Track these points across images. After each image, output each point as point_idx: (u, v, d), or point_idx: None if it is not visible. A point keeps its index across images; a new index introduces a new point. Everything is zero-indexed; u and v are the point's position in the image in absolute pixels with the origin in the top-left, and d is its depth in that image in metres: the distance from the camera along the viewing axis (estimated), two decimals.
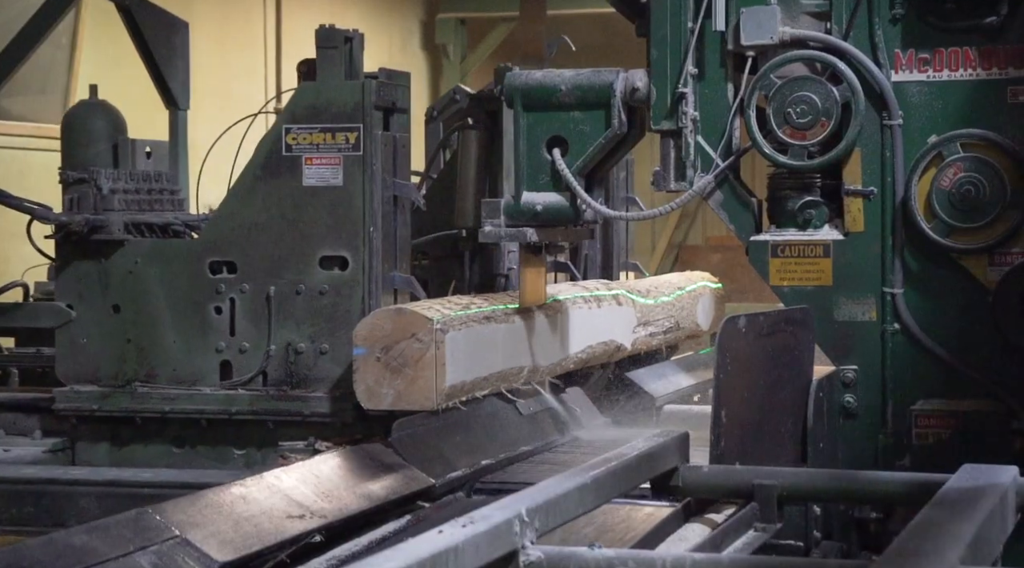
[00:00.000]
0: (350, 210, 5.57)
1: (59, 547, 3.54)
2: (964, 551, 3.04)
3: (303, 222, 5.62)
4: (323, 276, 5.59)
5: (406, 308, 5.16)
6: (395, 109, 5.76)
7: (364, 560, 2.83)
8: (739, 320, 4.61)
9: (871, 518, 5.19)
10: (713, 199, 5.45)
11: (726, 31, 5.35)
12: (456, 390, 5.16)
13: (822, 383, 5.14)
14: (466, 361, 5.21)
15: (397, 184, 5.72)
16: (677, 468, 4.32)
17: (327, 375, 5.58)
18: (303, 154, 5.62)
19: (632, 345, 6.73)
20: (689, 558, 3.16)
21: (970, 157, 5.16)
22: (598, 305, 6.40)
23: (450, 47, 15.99)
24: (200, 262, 5.72)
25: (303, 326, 5.61)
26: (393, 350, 5.05)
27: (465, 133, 6.55)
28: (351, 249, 5.57)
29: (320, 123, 5.60)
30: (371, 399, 5.08)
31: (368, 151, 5.57)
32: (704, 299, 7.88)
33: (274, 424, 5.59)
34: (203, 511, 4.01)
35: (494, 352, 5.45)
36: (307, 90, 5.71)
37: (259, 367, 5.63)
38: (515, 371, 5.62)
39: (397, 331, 5.06)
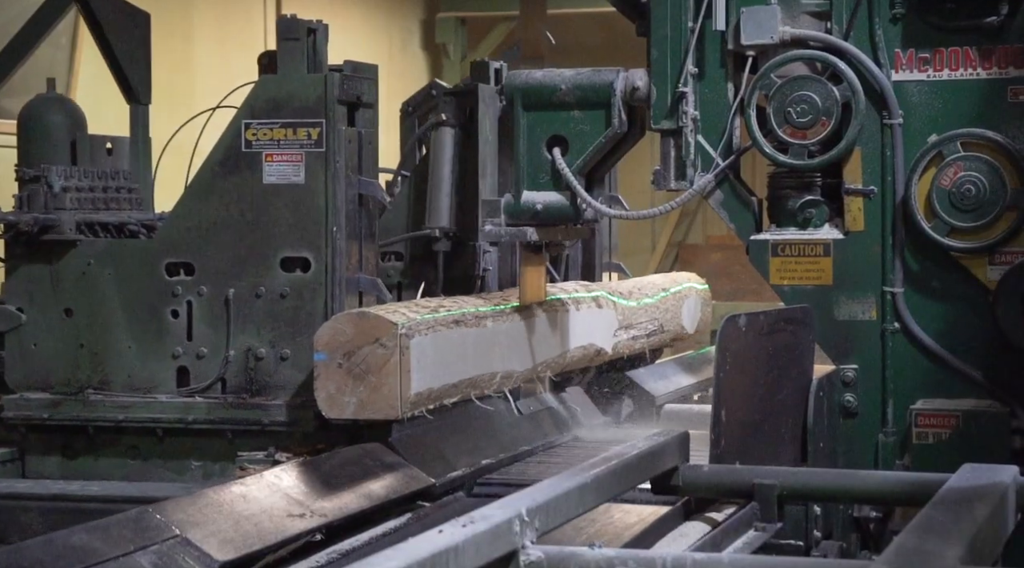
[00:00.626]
0: (312, 209, 5.36)
1: (59, 547, 3.54)
2: (964, 551, 3.04)
3: (263, 222, 5.41)
4: (284, 278, 5.38)
5: (369, 312, 4.93)
6: (360, 103, 5.54)
7: (364, 560, 2.83)
8: (739, 319, 4.62)
9: (871, 518, 5.19)
10: (713, 198, 5.45)
11: (726, 31, 5.35)
12: (422, 398, 4.94)
13: (822, 382, 5.14)
14: (433, 367, 4.99)
15: (362, 182, 5.52)
16: (677, 467, 4.32)
17: (288, 382, 5.37)
18: (263, 150, 5.39)
19: (613, 349, 6.52)
20: (689, 558, 3.16)
21: (970, 156, 5.16)
22: (576, 308, 6.16)
23: (450, 46, 15.98)
24: (156, 263, 5.50)
25: (263, 330, 5.40)
26: (355, 356, 4.83)
27: (439, 130, 6.32)
28: (313, 250, 5.36)
29: (281, 118, 5.39)
30: (332, 408, 4.85)
31: (331, 147, 5.36)
32: (690, 301, 7.67)
33: (233, 434, 5.37)
34: (203, 510, 4.01)
35: (464, 358, 5.21)
36: (267, 83, 5.47)
37: (217, 374, 5.41)
38: (486, 377, 5.38)
39: (360, 336, 4.83)
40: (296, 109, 5.38)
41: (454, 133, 6.26)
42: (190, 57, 11.33)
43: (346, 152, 5.41)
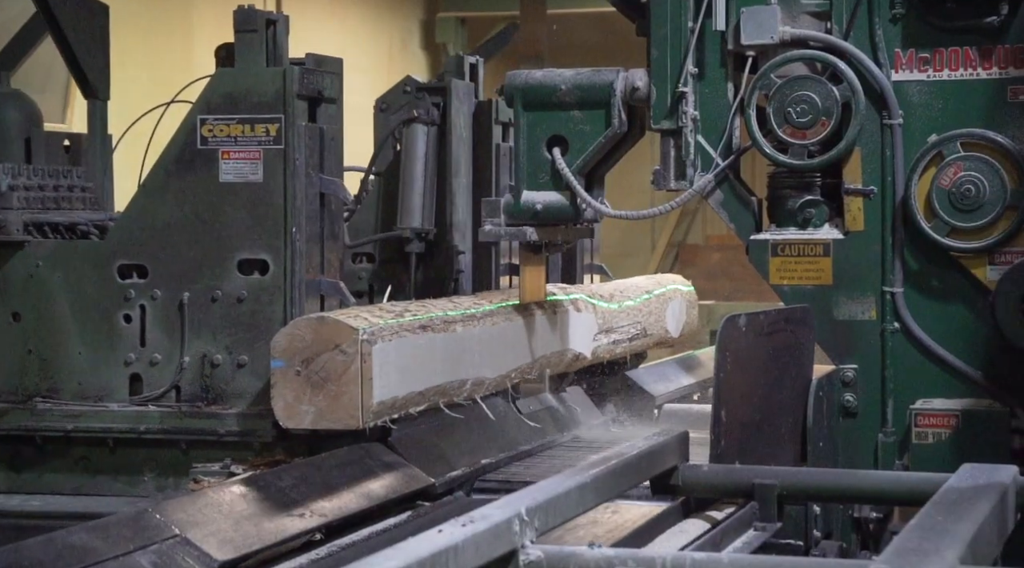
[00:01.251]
0: (271, 209, 5.12)
1: (59, 547, 3.54)
2: (964, 551, 3.04)
3: (219, 222, 5.15)
4: (241, 281, 5.13)
5: (328, 316, 4.70)
6: (322, 98, 5.31)
7: (364, 560, 2.83)
8: (739, 319, 4.62)
9: (871, 518, 5.19)
10: (713, 198, 5.45)
11: (726, 31, 5.35)
12: (386, 407, 4.71)
13: (822, 382, 5.14)
14: (398, 375, 4.77)
15: (324, 180, 5.29)
16: (677, 467, 4.33)
17: (245, 390, 5.11)
18: (219, 147, 5.15)
19: (592, 354, 6.28)
20: (689, 557, 3.16)
21: (970, 157, 5.16)
22: (553, 311, 5.93)
23: (450, 46, 15.98)
24: (108, 266, 5.22)
25: (220, 336, 5.14)
26: (314, 363, 4.60)
27: (411, 127, 6.12)
28: (272, 251, 5.11)
29: (238, 113, 5.14)
30: (290, 417, 4.64)
31: (291, 144, 5.12)
32: (675, 304, 7.36)
33: (187, 444, 5.10)
34: (203, 510, 4.01)
35: (431, 364, 5.00)
36: (224, 77, 5.21)
37: (171, 381, 5.15)
38: (456, 385, 5.16)
39: (319, 342, 4.61)
40: (254, 104, 5.15)
41: (427, 130, 6.12)
42: (190, 57, 11.33)
43: (307, 149, 5.19)
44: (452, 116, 6.14)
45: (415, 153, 6.08)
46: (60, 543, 3.56)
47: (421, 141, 6.09)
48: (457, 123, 6.17)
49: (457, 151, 6.15)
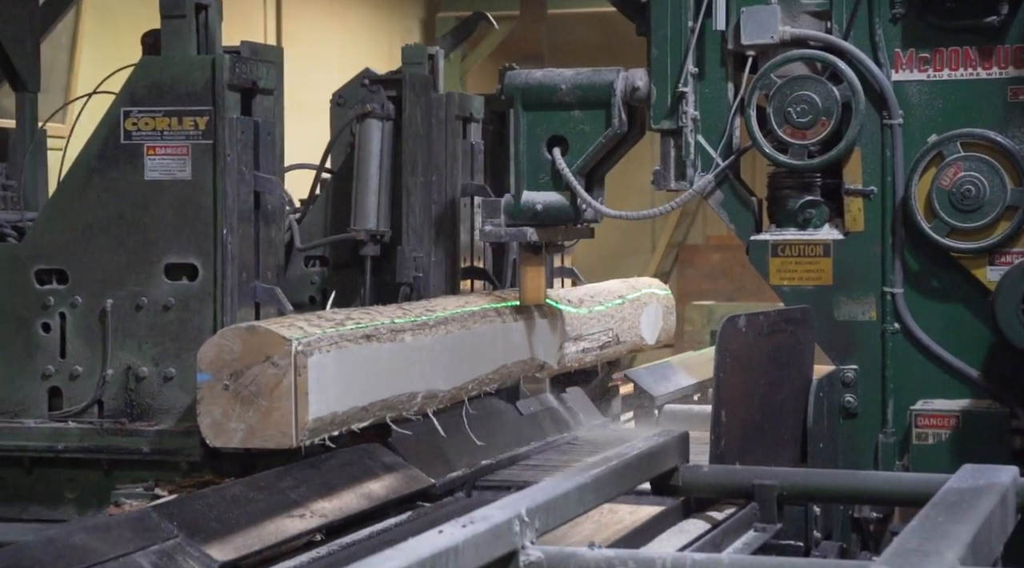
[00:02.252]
0: (200, 209, 4.77)
1: (59, 547, 3.54)
2: (964, 551, 3.04)
3: (145, 223, 4.80)
4: (169, 287, 4.80)
5: (259, 326, 4.35)
6: (257, 89, 4.95)
7: (364, 560, 2.84)
8: (739, 320, 4.62)
9: (871, 518, 5.19)
10: (713, 198, 5.45)
11: (726, 30, 5.35)
12: (324, 424, 4.39)
13: (822, 383, 5.14)
14: (337, 389, 4.43)
15: (259, 178, 4.93)
16: (677, 468, 4.33)
17: (173, 405, 4.78)
18: (145, 142, 4.79)
19: (559, 363, 5.96)
20: (689, 558, 3.16)
21: (970, 157, 5.16)
22: (514, 318, 5.58)
23: None
24: (25, 270, 4.86)
25: (145, 347, 4.80)
26: (244, 376, 4.26)
27: (365, 122, 5.78)
28: (201, 255, 4.78)
29: (164, 105, 4.79)
30: (218, 435, 4.31)
31: (221, 139, 4.76)
32: (650, 309, 7.02)
33: (109, 464, 4.74)
34: (203, 510, 4.00)
35: (376, 377, 4.65)
36: (149, 66, 4.84)
37: (93, 395, 4.80)
38: (405, 398, 4.81)
39: (249, 353, 4.27)
40: (181, 95, 4.79)
41: (382, 126, 5.79)
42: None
43: (239, 144, 4.82)
44: (408, 110, 5.81)
45: (369, 150, 5.78)
46: (60, 543, 3.56)
47: (376, 137, 5.78)
48: (414, 118, 5.83)
49: (414, 148, 5.84)
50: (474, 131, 6.28)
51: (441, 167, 5.98)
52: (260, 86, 4.98)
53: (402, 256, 5.78)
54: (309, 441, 4.34)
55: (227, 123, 4.80)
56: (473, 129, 6.27)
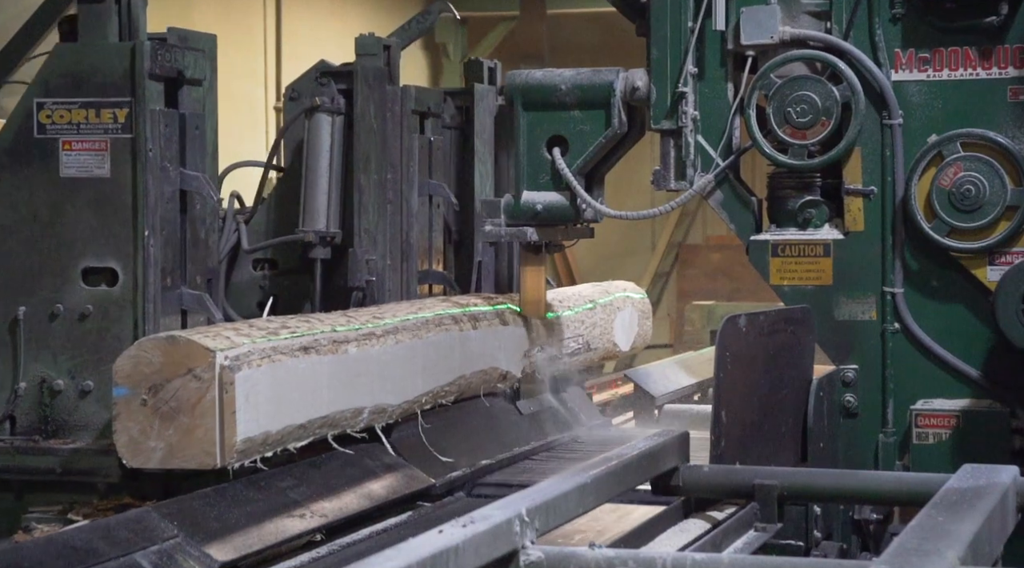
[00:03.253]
0: (119, 209, 4.46)
1: (59, 547, 3.54)
2: (964, 551, 3.04)
3: (60, 224, 4.49)
4: (86, 294, 4.49)
5: (180, 336, 4.01)
6: (184, 80, 4.63)
7: (364, 560, 2.83)
8: (739, 319, 4.62)
9: (871, 518, 5.19)
10: (713, 198, 5.45)
11: (726, 31, 5.35)
12: (255, 444, 4.06)
13: (822, 382, 5.14)
14: (270, 406, 4.10)
15: (185, 175, 4.60)
16: (677, 468, 4.33)
17: (91, 421, 4.48)
18: (60, 136, 4.48)
19: (523, 371, 5.71)
20: (689, 558, 3.16)
21: (970, 157, 5.16)
22: (473, 325, 5.29)
23: (450, 46, 15.99)
24: None
25: (61, 358, 4.49)
26: (164, 391, 3.94)
27: (315, 117, 5.49)
28: (121, 259, 4.47)
29: (81, 96, 4.47)
30: (136, 454, 3.97)
31: (141, 133, 4.44)
32: (624, 314, 6.66)
33: (21, 485, 4.39)
34: (203, 510, 4.00)
35: (316, 392, 4.32)
36: (63, 54, 4.51)
37: (4, 411, 4.50)
38: (349, 414, 4.52)
39: (169, 366, 3.95)
40: (99, 85, 4.47)
41: (332, 120, 5.50)
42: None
43: (162, 139, 4.50)
44: (360, 104, 5.51)
45: (319, 146, 5.49)
46: (60, 543, 3.56)
47: (326, 132, 5.49)
48: (366, 112, 5.52)
49: (366, 144, 5.53)
50: (432, 126, 6.06)
51: (396, 164, 5.71)
52: (187, 76, 4.66)
53: (354, 259, 5.49)
54: (239, 463, 4.02)
55: (149, 115, 4.49)
56: (431, 124, 6.05)
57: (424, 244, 5.95)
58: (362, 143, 5.55)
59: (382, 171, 5.61)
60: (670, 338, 17.22)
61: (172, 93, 4.64)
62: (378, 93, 5.58)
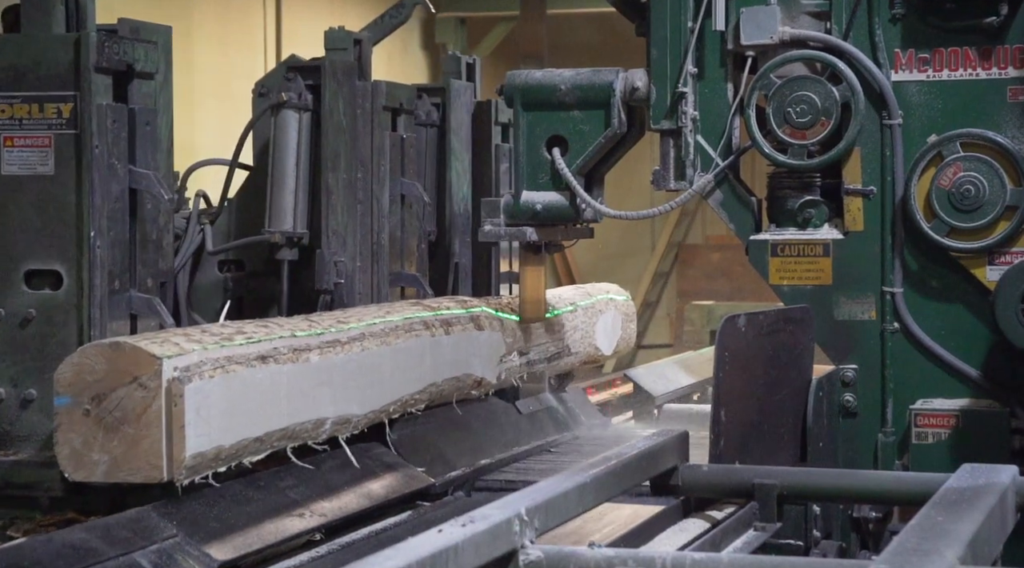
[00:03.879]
0: (64, 208, 4.26)
1: (59, 547, 3.54)
2: (964, 551, 3.04)
3: (2, 225, 4.32)
4: (29, 297, 4.28)
5: (125, 342, 3.78)
6: (134, 73, 4.41)
7: (364, 560, 2.83)
8: (739, 319, 4.62)
9: (870, 517, 5.19)
10: (713, 198, 5.45)
11: (726, 31, 5.35)
12: (206, 460, 3.84)
13: (822, 382, 5.14)
14: (223, 418, 3.87)
15: (134, 173, 4.41)
16: (677, 467, 4.33)
17: (33, 432, 4.27)
18: (1, 133, 4.31)
19: (499, 378, 5.47)
20: (689, 557, 3.16)
21: (970, 157, 5.16)
22: (446, 331, 5.06)
23: (450, 46, 15.97)
24: None
25: (2, 365, 4.30)
26: (108, 400, 3.73)
27: (282, 114, 5.30)
28: (66, 261, 4.26)
29: (24, 90, 4.27)
30: (78, 467, 3.75)
31: (87, 128, 4.24)
32: (607, 317, 6.43)
33: None
34: (203, 510, 4.00)
35: (274, 403, 4.09)
36: (5, 45, 4.32)
37: None
38: (310, 426, 4.29)
39: (113, 373, 3.73)
40: (42, 79, 4.27)
41: (300, 117, 5.33)
42: (190, 57, 11.34)
43: (110, 135, 4.29)
44: (328, 100, 5.34)
45: (286, 144, 5.30)
46: (60, 543, 3.56)
47: (292, 129, 5.29)
48: (335, 108, 5.35)
49: (335, 142, 5.36)
50: (405, 123, 5.90)
51: (367, 162, 5.53)
52: (138, 69, 4.44)
53: (321, 261, 5.34)
54: (188, 479, 3.80)
55: (95, 110, 4.28)
56: (404, 121, 5.89)
57: (396, 245, 5.80)
58: (330, 140, 5.40)
59: (351, 170, 5.48)
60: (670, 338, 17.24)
61: (121, 87, 4.43)
62: (347, 89, 5.42)
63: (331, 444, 4.55)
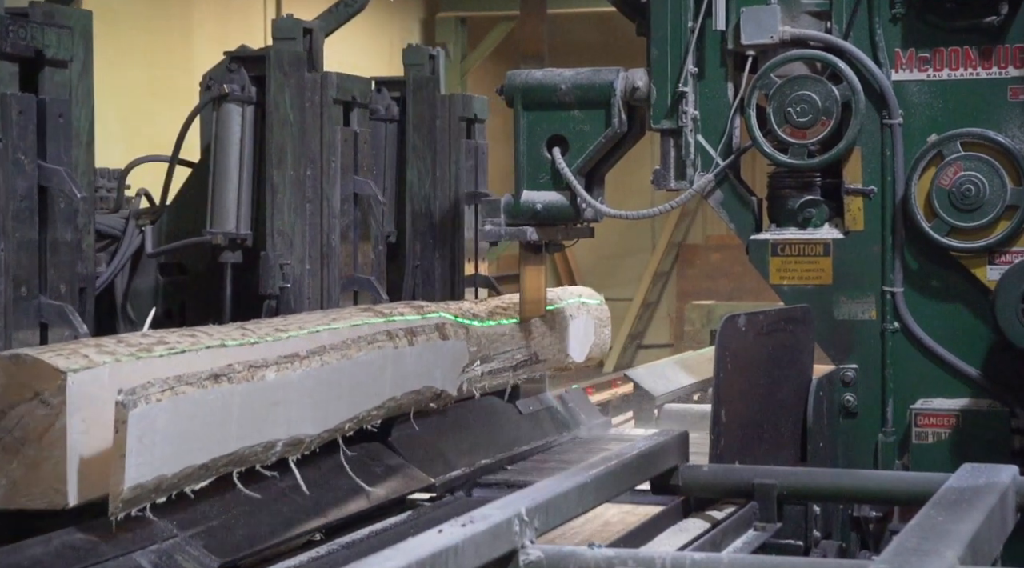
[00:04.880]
0: None
1: (59, 547, 3.53)
2: (964, 551, 3.04)
3: None
4: None
5: (26, 354, 3.44)
6: (45, 60, 4.10)
7: (364, 560, 2.83)
8: (739, 319, 4.62)
9: (871, 517, 5.19)
10: (713, 198, 5.45)
11: (726, 30, 5.35)
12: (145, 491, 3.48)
13: (822, 382, 5.14)
14: (167, 444, 3.53)
15: (45, 170, 4.08)
16: (677, 467, 4.33)
17: None
18: None
19: (461, 390, 5.14)
20: (689, 557, 3.16)
21: (970, 156, 5.16)
22: (410, 341, 4.71)
23: (450, 46, 15.98)
24: None
25: None
26: (7, 418, 3.41)
27: (223, 107, 5.02)
28: None
29: None
30: None
31: None
32: (578, 322, 6.12)
33: None
34: (203, 510, 4.00)
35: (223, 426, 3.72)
36: None
37: None
38: (259, 450, 3.93)
39: (13, 388, 3.40)
40: None
41: (244, 111, 5.04)
42: (190, 56, 11.34)
43: (16, 127, 3.98)
44: (274, 92, 5.04)
45: (228, 139, 5.01)
46: (60, 543, 3.55)
47: (236, 124, 5.01)
48: (280, 101, 5.06)
49: (281, 137, 5.06)
50: (359, 117, 5.59)
51: (316, 159, 5.24)
52: (49, 56, 4.12)
53: (266, 263, 5.03)
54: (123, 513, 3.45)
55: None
56: (357, 115, 5.58)
57: (348, 247, 5.48)
58: (276, 135, 5.10)
59: (299, 166, 5.19)
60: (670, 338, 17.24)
61: (30, 76, 4.10)
62: (295, 80, 5.15)
63: (328, 446, 4.52)
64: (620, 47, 10.41)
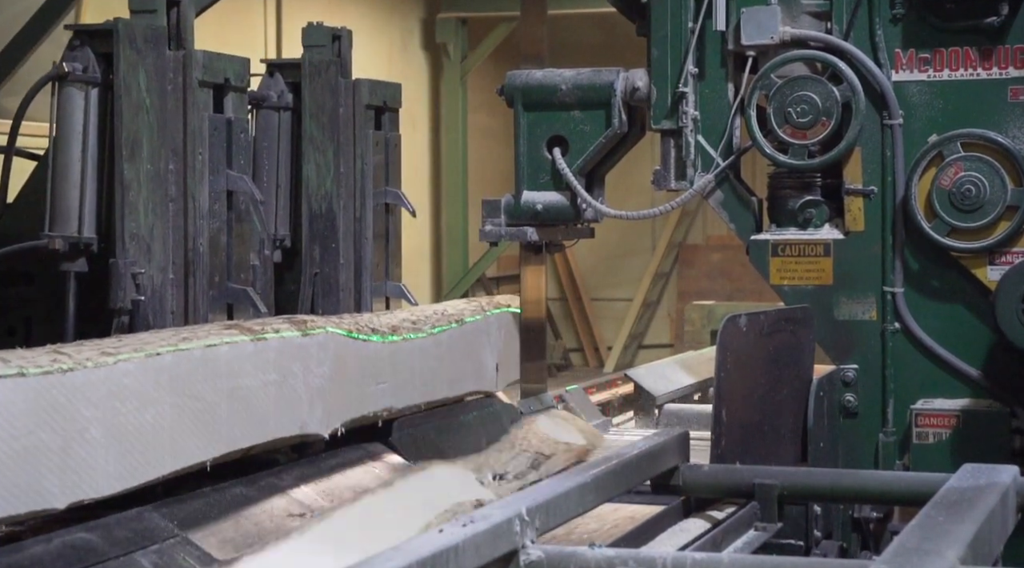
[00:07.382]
0: None
1: (59, 547, 3.54)
2: (964, 551, 3.04)
3: None
4: None
5: None
6: None
7: (364, 560, 2.83)
8: (740, 319, 4.62)
9: (871, 518, 5.19)
10: (713, 198, 5.45)
11: (726, 31, 5.35)
12: None
13: (822, 382, 5.14)
14: None
15: None
16: (677, 467, 4.33)
17: None
18: None
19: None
20: (689, 557, 3.16)
21: (970, 157, 5.16)
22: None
23: (450, 46, 15.99)
24: None
25: None
26: None
27: (64, 89, 4.37)
28: None
29: None
30: None
31: None
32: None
33: None
34: (203, 510, 4.00)
35: None
36: None
37: None
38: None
39: None
40: None
41: (87, 94, 4.41)
42: None
43: None
44: (124, 72, 4.36)
45: (70, 127, 4.40)
46: (60, 543, 3.56)
47: (78, 109, 4.38)
48: (132, 83, 4.38)
49: (134, 124, 4.39)
50: (234, 103, 4.85)
51: (179, 151, 4.58)
52: None
53: (116, 273, 4.36)
54: None
55: None
56: (233, 100, 4.84)
57: (220, 253, 4.76)
58: (128, 123, 4.40)
59: (158, 160, 4.51)
60: (670, 338, 17.24)
61: None
62: (151, 59, 4.46)
63: (332, 442, 4.53)
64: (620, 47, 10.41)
